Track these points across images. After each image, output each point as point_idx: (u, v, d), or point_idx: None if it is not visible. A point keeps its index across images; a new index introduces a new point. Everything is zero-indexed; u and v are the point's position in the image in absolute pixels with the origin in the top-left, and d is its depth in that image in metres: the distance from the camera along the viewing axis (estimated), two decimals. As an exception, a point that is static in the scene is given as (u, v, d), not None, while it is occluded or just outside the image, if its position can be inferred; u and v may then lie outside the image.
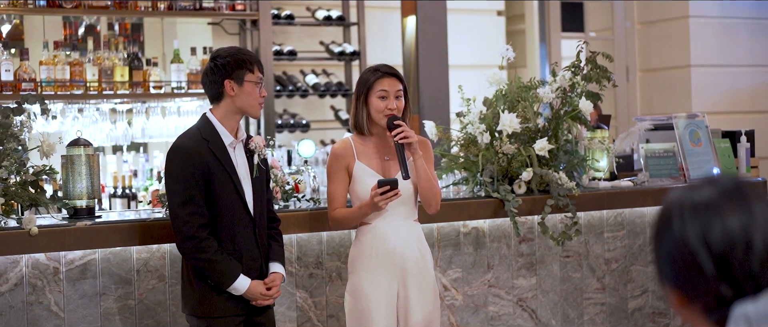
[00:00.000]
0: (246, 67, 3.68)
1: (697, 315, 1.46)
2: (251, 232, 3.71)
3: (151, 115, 6.57)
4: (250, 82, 3.68)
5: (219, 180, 3.63)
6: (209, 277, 3.63)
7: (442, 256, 4.64)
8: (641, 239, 5.16)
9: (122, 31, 6.80)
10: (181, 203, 3.59)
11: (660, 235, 1.48)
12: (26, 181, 3.85)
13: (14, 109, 3.89)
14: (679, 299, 1.47)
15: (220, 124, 3.70)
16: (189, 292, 3.69)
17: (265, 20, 6.95)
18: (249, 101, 3.69)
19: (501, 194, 4.62)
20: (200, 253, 3.60)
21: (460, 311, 4.68)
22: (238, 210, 3.67)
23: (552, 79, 4.87)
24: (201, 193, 3.60)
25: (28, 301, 3.80)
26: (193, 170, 3.59)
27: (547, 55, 9.10)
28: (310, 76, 7.53)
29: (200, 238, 3.59)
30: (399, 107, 3.91)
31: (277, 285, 3.74)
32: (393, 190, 3.77)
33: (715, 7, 8.90)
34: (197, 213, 3.59)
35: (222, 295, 3.65)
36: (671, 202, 1.48)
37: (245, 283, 3.65)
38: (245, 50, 3.79)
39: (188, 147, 3.63)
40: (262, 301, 3.70)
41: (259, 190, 3.76)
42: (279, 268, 3.80)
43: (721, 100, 8.83)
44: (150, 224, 3.93)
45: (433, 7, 7.52)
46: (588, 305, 5.01)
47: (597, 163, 5.05)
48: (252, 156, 3.76)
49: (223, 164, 3.64)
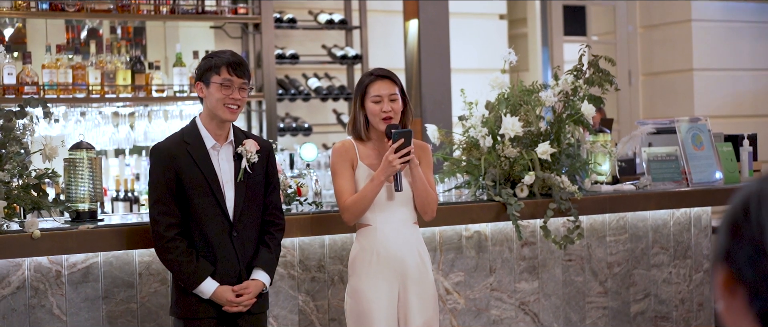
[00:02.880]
0: (213, 69, 3.68)
1: (739, 300, 1.47)
2: (228, 235, 3.69)
3: (154, 119, 6.58)
4: (214, 84, 3.68)
5: (192, 182, 3.64)
6: (176, 278, 3.69)
7: (445, 260, 4.64)
8: (643, 243, 5.16)
9: (125, 35, 6.80)
10: (153, 203, 3.68)
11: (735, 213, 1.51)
12: (29, 185, 3.85)
13: (17, 113, 3.89)
14: (728, 279, 1.48)
15: (204, 128, 3.72)
16: (172, 292, 3.78)
17: (267, 24, 6.96)
18: (213, 102, 3.68)
19: (503, 198, 4.62)
20: (167, 253, 3.65)
21: (462, 315, 4.68)
22: (212, 213, 3.66)
23: (554, 83, 4.87)
24: (171, 195, 3.63)
25: (31, 304, 3.81)
26: (164, 171, 3.65)
27: (550, 58, 9.10)
28: (313, 80, 7.54)
29: (167, 237, 3.62)
30: (395, 110, 3.88)
31: (249, 292, 3.68)
32: (407, 145, 3.76)
33: (717, 10, 8.90)
34: (166, 213, 3.63)
35: (193, 297, 3.67)
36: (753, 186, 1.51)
37: (211, 286, 3.64)
38: (223, 53, 3.76)
39: (163, 149, 3.70)
40: (230, 307, 3.67)
41: (243, 193, 3.72)
42: (261, 276, 3.74)
43: (723, 104, 8.83)
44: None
45: (435, 11, 7.52)
46: (590, 309, 5.01)
47: (599, 166, 5.04)
48: (241, 160, 3.75)
49: (200, 167, 3.65)
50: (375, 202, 3.85)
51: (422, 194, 3.89)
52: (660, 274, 5.20)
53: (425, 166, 3.97)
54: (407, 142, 3.77)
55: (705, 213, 5.32)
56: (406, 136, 3.77)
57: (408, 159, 3.77)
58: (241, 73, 3.70)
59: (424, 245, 3.99)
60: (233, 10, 6.83)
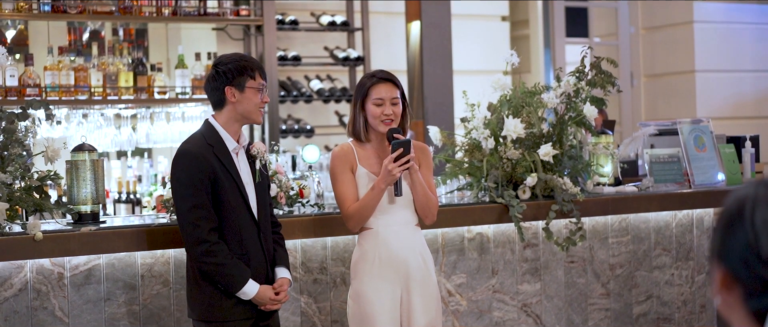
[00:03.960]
0: (247, 74, 3.69)
1: (735, 299, 1.51)
2: (256, 236, 3.71)
3: (156, 121, 6.58)
4: (251, 89, 3.69)
5: (225, 185, 3.63)
6: (219, 282, 3.63)
7: (447, 262, 4.64)
8: (646, 244, 5.15)
9: (127, 37, 6.80)
10: (190, 208, 3.59)
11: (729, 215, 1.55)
12: (31, 187, 3.85)
13: (19, 115, 3.89)
14: (725, 279, 1.52)
15: (224, 130, 3.71)
16: (197, 297, 3.68)
17: (269, 26, 6.96)
18: (250, 107, 3.70)
19: (505, 199, 4.62)
20: (210, 257, 3.59)
21: (465, 317, 4.68)
22: (243, 215, 3.68)
23: (556, 85, 4.87)
24: (209, 198, 3.61)
25: (33, 306, 3.80)
26: (200, 175, 3.60)
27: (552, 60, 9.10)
28: (315, 82, 7.54)
29: (210, 241, 3.58)
30: (396, 113, 3.88)
31: (285, 289, 3.75)
32: (406, 154, 3.76)
33: (719, 12, 8.90)
34: (206, 217, 3.59)
35: (231, 300, 3.65)
36: (748, 189, 1.55)
37: (254, 287, 3.65)
38: (247, 57, 3.80)
39: (195, 152, 3.63)
40: (271, 305, 3.71)
41: (261, 195, 3.77)
42: (285, 273, 3.80)
43: (725, 106, 8.82)
44: (154, 229, 3.92)
45: (437, 13, 7.52)
46: (592, 311, 5.00)
47: (601, 168, 5.04)
48: (254, 161, 3.77)
49: (228, 169, 3.65)
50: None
51: (422, 199, 3.89)
52: (662, 276, 5.20)
53: (425, 169, 3.97)
54: (406, 151, 3.77)
55: (707, 215, 5.32)
56: (405, 146, 3.78)
57: (407, 167, 3.78)
58: (266, 78, 3.78)
59: (426, 247, 3.99)
60: (235, 11, 6.83)
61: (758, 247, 1.48)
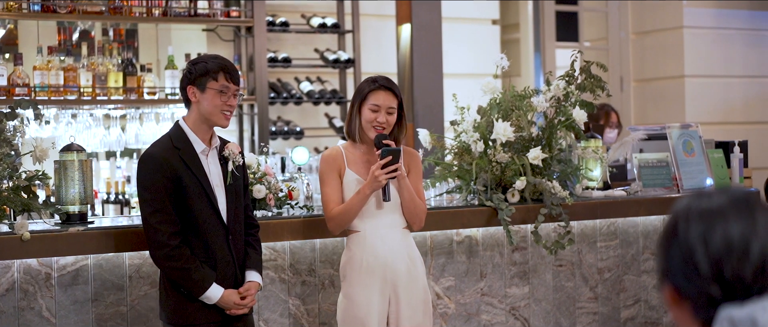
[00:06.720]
0: (210, 75, 3.65)
1: (686, 313, 1.54)
2: (224, 239, 3.68)
3: (145, 121, 6.56)
4: (212, 90, 3.64)
5: (190, 188, 3.61)
6: (182, 286, 3.61)
7: (435, 264, 4.64)
8: (634, 249, 5.17)
9: (116, 37, 6.79)
10: (151, 212, 3.58)
11: (667, 232, 1.57)
12: (19, 186, 3.84)
13: (7, 114, 3.88)
14: (672, 295, 1.55)
15: (192, 132, 3.68)
16: (165, 301, 3.68)
17: (259, 27, 6.96)
18: (210, 109, 3.65)
19: (494, 203, 4.62)
20: (172, 261, 3.58)
21: (453, 320, 4.68)
22: (210, 217, 3.64)
23: (546, 89, 4.88)
24: (171, 202, 3.59)
25: (20, 306, 3.79)
26: (163, 179, 3.58)
27: (542, 64, 9.11)
28: (305, 84, 7.53)
29: (171, 245, 3.57)
30: (389, 122, 3.90)
31: (251, 294, 3.71)
32: (394, 163, 3.76)
33: (709, 17, 8.92)
34: (167, 221, 3.58)
35: (196, 304, 3.63)
36: (682, 204, 1.57)
37: (218, 291, 3.63)
38: (219, 58, 3.74)
39: (158, 155, 3.62)
40: (236, 310, 3.67)
41: (233, 197, 3.73)
42: (255, 277, 3.76)
43: (714, 111, 8.85)
44: (142, 230, 3.91)
45: (428, 16, 7.53)
46: (580, 314, 5.01)
47: (590, 172, 5.05)
48: (226, 163, 3.74)
49: (194, 172, 3.62)
50: (364, 209, 3.88)
51: (410, 205, 3.91)
52: (650, 280, 5.21)
53: (414, 175, 3.98)
54: (395, 160, 3.78)
55: (696, 219, 5.32)
56: (394, 154, 3.78)
57: (394, 176, 3.79)
58: (236, 80, 3.71)
59: (415, 250, 3.99)
60: (226, 13, 6.82)
61: (695, 262, 1.50)
